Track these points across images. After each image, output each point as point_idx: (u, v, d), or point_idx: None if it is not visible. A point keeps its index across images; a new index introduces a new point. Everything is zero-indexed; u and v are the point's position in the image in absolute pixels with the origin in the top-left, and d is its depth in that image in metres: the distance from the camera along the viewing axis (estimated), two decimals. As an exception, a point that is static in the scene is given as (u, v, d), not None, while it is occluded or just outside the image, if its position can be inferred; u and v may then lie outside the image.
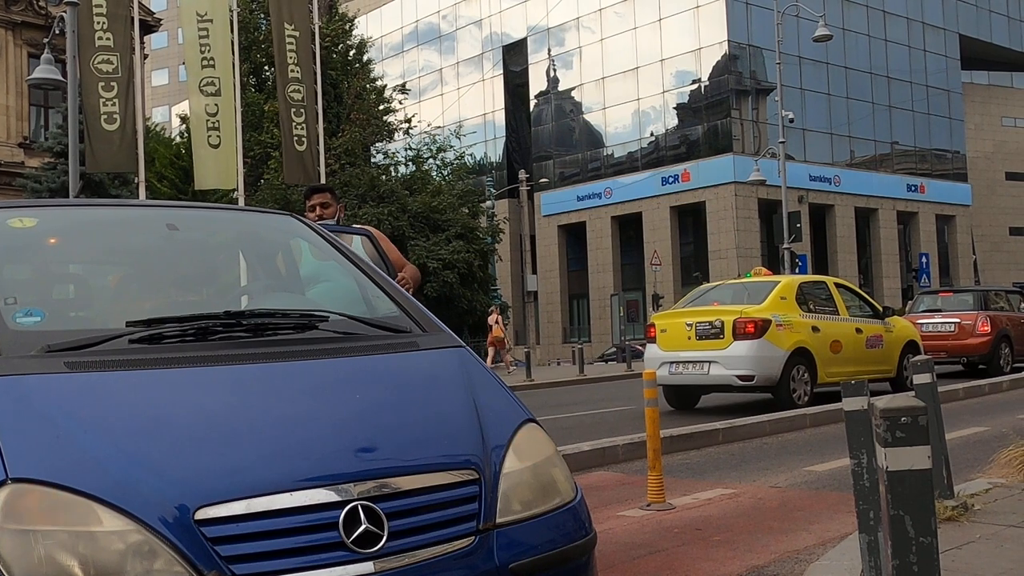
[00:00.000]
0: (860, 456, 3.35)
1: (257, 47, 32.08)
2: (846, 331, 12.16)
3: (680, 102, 44.51)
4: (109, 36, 14.01)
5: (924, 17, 49.53)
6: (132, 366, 2.34)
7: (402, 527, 2.14)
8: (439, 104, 53.48)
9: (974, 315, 16.30)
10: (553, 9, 48.04)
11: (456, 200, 32.40)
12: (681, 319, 12.11)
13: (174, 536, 1.93)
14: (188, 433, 2.18)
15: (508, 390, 2.77)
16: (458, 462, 2.35)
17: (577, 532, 2.48)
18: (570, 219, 47.96)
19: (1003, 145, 56.34)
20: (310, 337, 2.67)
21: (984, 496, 5.17)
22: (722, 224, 41.21)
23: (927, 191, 48.63)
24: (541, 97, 50.74)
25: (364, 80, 34.67)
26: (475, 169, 48.68)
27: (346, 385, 2.51)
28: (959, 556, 3.99)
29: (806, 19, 33.59)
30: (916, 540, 1.98)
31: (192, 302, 3.10)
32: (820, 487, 6.53)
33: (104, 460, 2.02)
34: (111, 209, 3.70)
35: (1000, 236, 55.83)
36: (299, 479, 2.10)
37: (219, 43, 15.29)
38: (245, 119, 22.06)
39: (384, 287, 3.16)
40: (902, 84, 48.11)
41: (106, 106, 13.87)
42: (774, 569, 4.40)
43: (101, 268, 3.41)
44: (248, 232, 3.62)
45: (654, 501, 5.92)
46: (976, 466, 6.33)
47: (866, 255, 46.95)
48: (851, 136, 46.03)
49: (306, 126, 16.31)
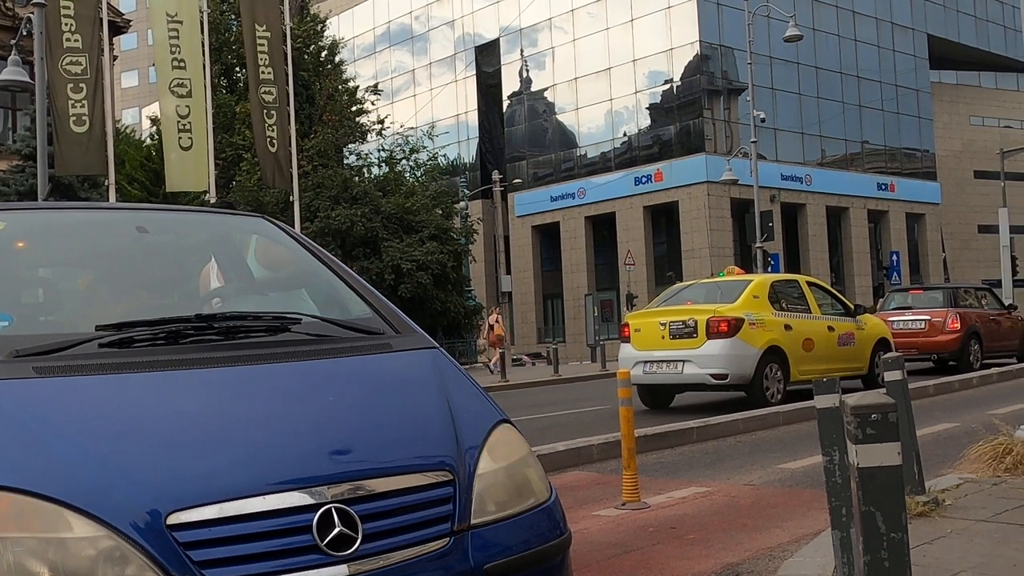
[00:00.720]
0: (832, 453, 3.38)
1: (228, 48, 31.88)
2: (818, 329, 12.25)
3: (652, 102, 44.65)
4: (78, 37, 13.87)
5: (893, 17, 49.96)
6: (102, 370, 2.32)
7: (376, 529, 2.13)
8: (412, 105, 53.35)
9: (944, 312, 16.46)
10: (525, 10, 48.07)
11: (429, 201, 32.31)
12: (655, 319, 12.15)
13: (146, 541, 1.91)
14: (159, 438, 2.16)
15: (482, 391, 2.77)
16: (432, 463, 2.34)
17: (552, 532, 2.48)
18: (544, 219, 48.00)
19: (971, 144, 56.92)
20: (282, 340, 2.66)
21: (955, 491, 5.22)
22: (695, 223, 41.38)
23: (897, 190, 49.06)
24: (514, 98, 50.75)
25: (336, 81, 34.52)
26: (448, 170, 48.59)
27: (319, 387, 2.50)
28: (930, 551, 4.03)
29: (777, 19, 33.81)
30: (887, 536, 1.99)
31: (163, 305, 3.07)
32: (793, 484, 6.57)
33: (74, 466, 2.00)
34: (80, 212, 3.67)
35: (969, 234, 56.41)
36: (272, 482, 2.09)
37: (189, 44, 15.19)
38: (216, 121, 21.90)
39: (357, 289, 3.15)
40: (872, 84, 48.50)
41: (75, 108, 13.74)
42: (748, 566, 4.42)
43: (70, 272, 3.37)
44: (219, 234, 3.59)
45: (629, 500, 5.93)
46: (947, 462, 6.40)
47: (837, 253, 47.31)
48: (822, 135, 46.37)
49: (278, 127, 16.24)
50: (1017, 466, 5.56)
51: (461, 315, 33.10)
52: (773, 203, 38.96)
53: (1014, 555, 3.92)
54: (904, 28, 50.56)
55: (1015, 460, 5.60)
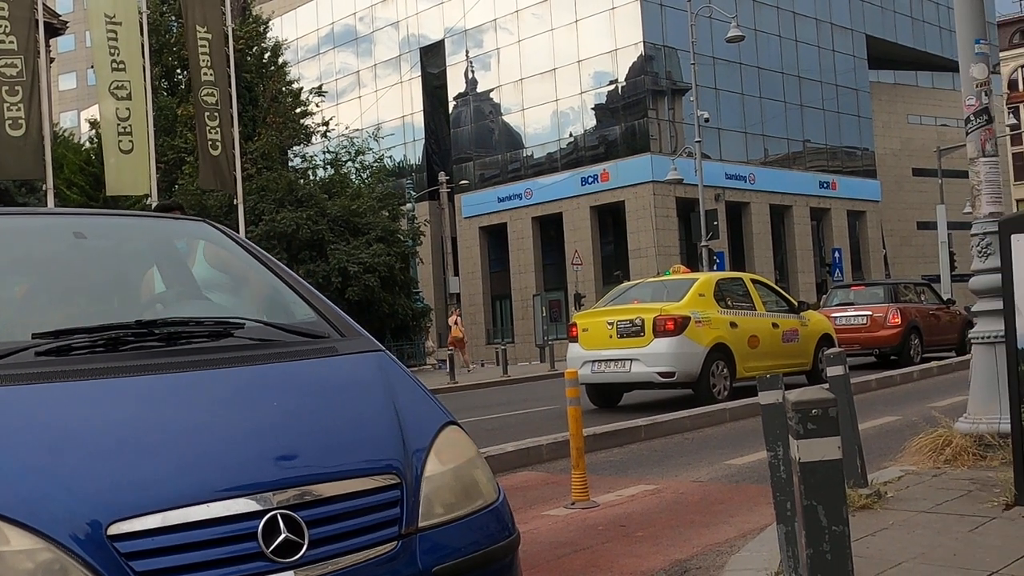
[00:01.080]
0: (776, 448, 3.42)
1: (168, 50, 31.45)
2: (763, 326, 12.41)
3: (598, 103, 44.87)
4: (12, 39, 13.58)
5: (832, 18, 50.75)
6: (39, 379, 2.27)
7: (323, 535, 2.11)
8: (357, 106, 53.03)
9: (885, 308, 16.77)
10: (470, 11, 48.02)
11: (376, 203, 32.14)
12: (602, 318, 12.22)
13: (86, 553, 1.87)
14: (99, 447, 2.12)
15: (428, 393, 2.76)
16: (379, 467, 2.33)
17: (500, 533, 2.49)
18: (491, 220, 47.99)
19: (909, 142, 58.01)
20: (225, 345, 2.63)
21: (896, 483, 5.32)
22: (641, 223, 41.67)
23: (838, 188, 49.85)
24: (460, 99, 50.67)
25: (280, 83, 34.24)
26: (395, 172, 48.33)
27: (263, 392, 2.47)
28: (872, 543, 4.10)
29: (719, 20, 34.16)
30: (829, 529, 2.02)
31: (102, 312, 3.01)
32: (740, 480, 6.65)
33: (10, 477, 1.96)
34: (16, 218, 3.58)
35: (908, 231, 57.48)
36: (216, 490, 2.07)
37: (129, 45, 14.95)
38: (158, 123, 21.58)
39: (301, 292, 3.12)
40: (812, 83, 49.24)
41: (11, 111, 13.45)
42: (696, 562, 4.46)
43: (6, 279, 3.30)
44: (160, 239, 3.54)
45: (578, 499, 5.96)
46: (889, 454, 6.52)
47: (781, 251, 47.95)
48: (765, 135, 46.96)
49: (220, 130, 16.04)
50: (956, 457, 5.68)
51: (409, 317, 32.96)
52: (718, 202, 39.33)
53: (954, 544, 4.00)
54: (843, 29, 51.39)
55: (954, 452, 5.72)
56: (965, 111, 6.01)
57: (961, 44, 6.05)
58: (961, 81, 6.09)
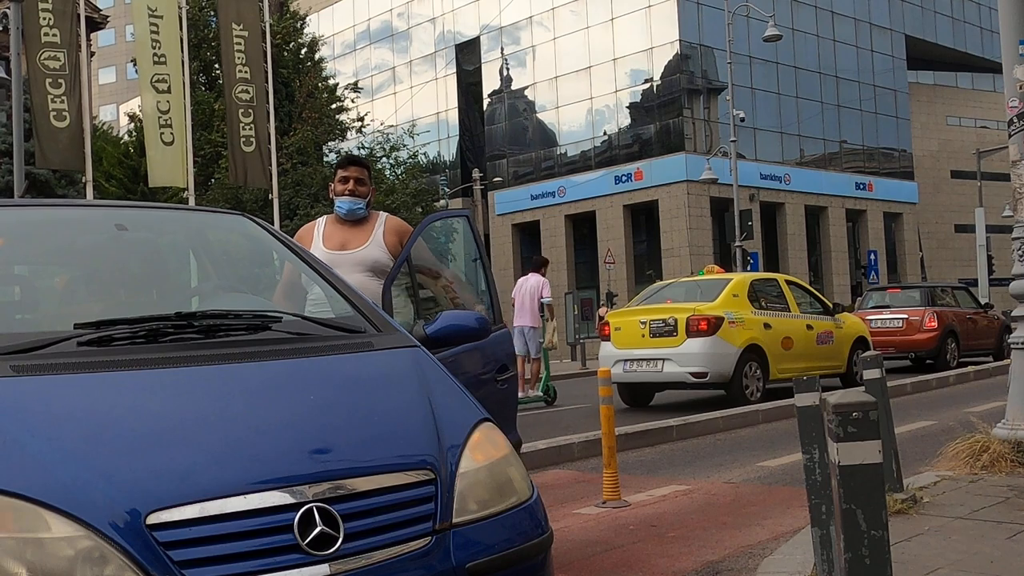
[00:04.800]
0: (812, 451, 3.39)
1: (207, 45, 31.66)
2: (797, 328, 12.31)
3: (633, 101, 44.73)
4: (55, 32, 13.74)
5: (871, 18, 50.26)
6: (81, 369, 2.30)
7: (358, 528, 2.12)
8: (392, 103, 53.22)
9: (921, 311, 16.59)
10: (506, 7, 48.02)
11: (409, 199, 32.22)
12: (635, 317, 12.18)
13: (125, 541, 1.89)
14: (139, 437, 2.14)
15: (464, 390, 2.77)
16: (414, 462, 2.34)
17: (533, 531, 2.49)
18: (524, 218, 48.00)
19: (948, 144, 57.36)
20: (263, 338, 2.65)
21: (932, 489, 5.26)
22: (675, 222, 41.49)
23: (875, 189, 49.37)
24: (494, 96, 50.70)
25: (316, 79, 34.37)
26: (428, 168, 48.48)
27: (300, 386, 2.49)
28: (908, 548, 4.06)
29: (756, 19, 33.93)
30: (868, 533, 2.00)
31: (142, 303, 3.04)
32: (773, 482, 6.60)
33: (52, 465, 1.99)
34: (58, 209, 3.63)
35: (946, 233, 56.85)
36: (253, 482, 2.08)
37: (169, 40, 15.09)
38: (195, 118, 21.71)
39: (338, 287, 3.14)
40: (850, 84, 48.79)
41: (55, 103, 13.62)
42: (728, 564, 4.44)
43: (48, 269, 3.35)
44: (199, 232, 3.57)
45: (609, 498, 5.95)
46: (924, 459, 6.45)
47: (816, 252, 47.56)
48: (801, 135, 46.60)
49: (255, 126, 16.13)
50: (994, 463, 5.61)
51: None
52: (752, 202, 39.12)
53: (991, 551, 3.95)
54: (882, 29, 50.87)
55: (992, 457, 5.65)
56: (1008, 113, 5.93)
57: (1005, 45, 5.96)
58: (1004, 83, 6.00)
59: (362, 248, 4.34)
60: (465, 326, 3.32)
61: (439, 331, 3.27)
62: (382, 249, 4.34)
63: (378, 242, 4.36)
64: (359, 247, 4.35)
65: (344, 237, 4.40)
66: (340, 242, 4.38)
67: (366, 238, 4.38)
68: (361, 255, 4.31)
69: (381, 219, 4.49)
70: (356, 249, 4.34)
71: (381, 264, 4.28)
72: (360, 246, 4.35)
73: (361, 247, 4.34)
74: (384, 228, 4.42)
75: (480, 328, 3.36)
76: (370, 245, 4.35)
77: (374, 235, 4.38)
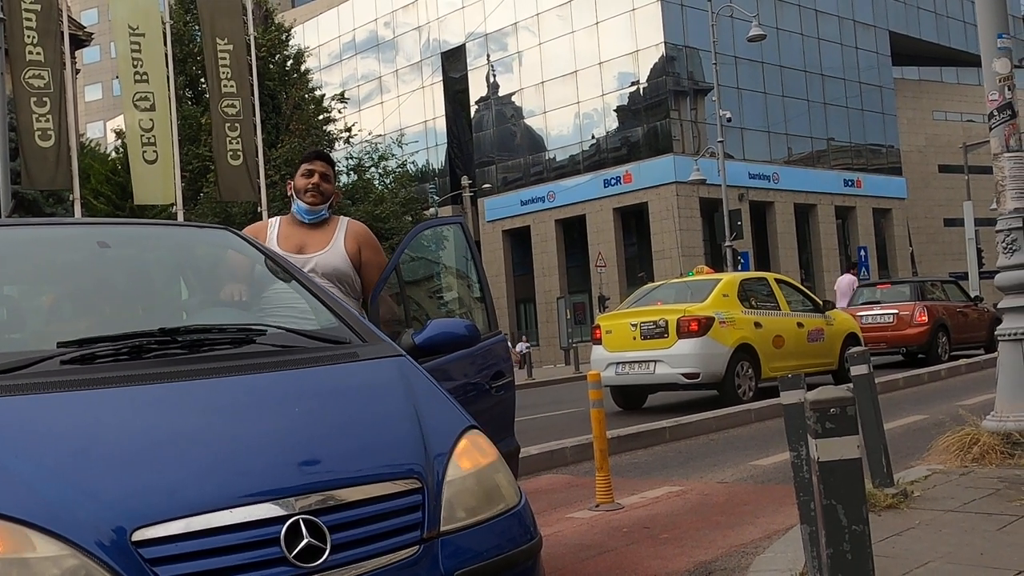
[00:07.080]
0: (799, 448, 3.41)
1: (192, 59, 31.63)
2: (788, 326, 12.34)
3: (620, 104, 44.81)
4: (39, 51, 13.72)
5: (855, 15, 50.44)
6: (64, 387, 2.30)
7: (345, 539, 2.13)
8: (379, 112, 53.23)
9: (912, 306, 16.62)
10: (491, 14, 48.09)
11: (399, 208, 32.29)
12: (626, 320, 12.20)
13: (111, 559, 1.90)
14: (123, 454, 2.15)
15: (450, 398, 2.78)
16: (400, 471, 2.35)
17: (522, 537, 2.49)
18: (514, 224, 48.01)
19: (935, 138, 57.54)
20: (247, 351, 2.65)
21: (923, 483, 5.28)
22: (664, 224, 41.56)
23: (863, 185, 49.50)
24: (481, 102, 50.74)
25: (303, 90, 34.41)
26: (417, 177, 48.49)
27: (285, 398, 2.49)
28: (899, 542, 4.07)
29: (740, 19, 34.02)
30: (849, 528, 2.02)
31: (127, 320, 3.04)
32: (765, 481, 6.62)
33: (37, 484, 1.99)
34: (42, 228, 3.63)
35: (935, 228, 57.01)
36: (239, 495, 2.09)
37: (152, 56, 15.07)
38: (182, 132, 21.70)
39: (323, 299, 3.15)
40: (836, 81, 48.94)
41: (39, 122, 13.59)
42: (721, 563, 4.45)
43: (32, 289, 3.35)
44: (183, 247, 3.58)
45: (603, 502, 5.96)
46: (915, 453, 6.47)
47: (806, 250, 47.66)
48: (788, 134, 46.73)
49: (242, 140, 16.13)
50: (984, 456, 5.63)
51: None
52: (741, 202, 39.18)
53: (981, 544, 3.97)
54: (866, 25, 51.06)
55: (982, 450, 5.67)
56: (988, 106, 5.97)
57: (983, 38, 6.01)
58: (984, 76, 6.05)
59: (321, 252, 4.12)
60: (454, 333, 3.33)
61: (428, 339, 3.28)
62: (342, 257, 4.13)
63: (338, 249, 4.14)
64: (318, 251, 4.13)
65: (302, 239, 4.17)
66: (298, 244, 4.15)
67: (326, 242, 4.16)
68: (320, 260, 4.10)
69: (343, 224, 4.28)
70: (315, 253, 4.12)
71: (340, 272, 4.09)
72: (319, 250, 4.13)
73: (320, 251, 4.13)
74: (345, 233, 4.20)
75: (470, 335, 3.37)
76: (330, 251, 4.13)
77: (335, 240, 4.16)
